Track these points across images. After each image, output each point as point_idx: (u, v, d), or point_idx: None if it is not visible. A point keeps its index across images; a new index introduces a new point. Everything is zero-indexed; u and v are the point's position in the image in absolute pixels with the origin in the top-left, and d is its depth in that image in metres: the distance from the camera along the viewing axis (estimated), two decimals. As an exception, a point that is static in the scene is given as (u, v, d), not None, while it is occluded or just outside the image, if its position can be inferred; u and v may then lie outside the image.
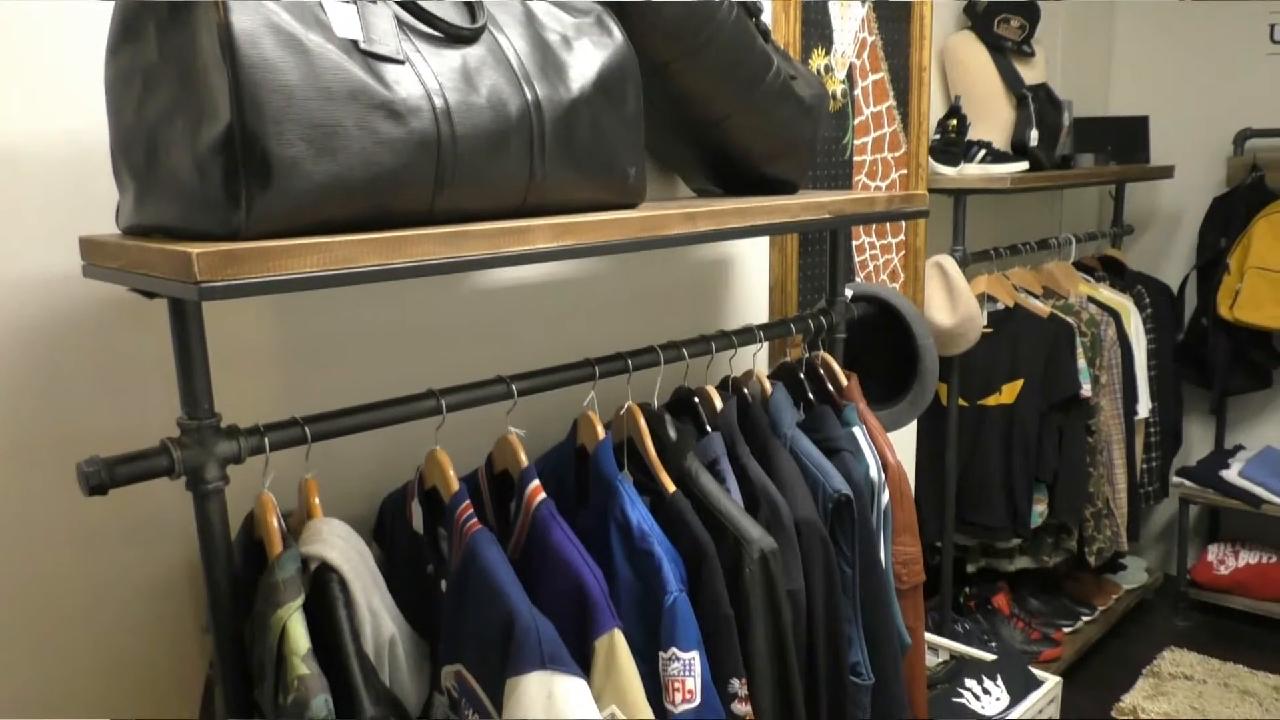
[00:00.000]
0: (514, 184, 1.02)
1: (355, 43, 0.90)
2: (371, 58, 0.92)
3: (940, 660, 2.38)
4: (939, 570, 2.80)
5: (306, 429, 1.00)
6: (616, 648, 1.02)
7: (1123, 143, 3.18)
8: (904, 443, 2.42)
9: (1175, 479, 3.38)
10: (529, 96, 1.02)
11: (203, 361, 0.91)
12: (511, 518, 1.17)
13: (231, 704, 0.97)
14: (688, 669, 1.09)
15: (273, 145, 0.84)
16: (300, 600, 0.90)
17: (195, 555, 0.93)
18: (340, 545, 0.96)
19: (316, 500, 1.02)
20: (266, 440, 0.96)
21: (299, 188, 0.85)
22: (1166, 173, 3.27)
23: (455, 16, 1.01)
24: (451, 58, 0.98)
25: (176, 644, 1.19)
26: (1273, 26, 3.32)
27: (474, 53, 1.00)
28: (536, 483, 1.13)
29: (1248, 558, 3.37)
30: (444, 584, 1.10)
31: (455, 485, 1.09)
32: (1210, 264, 3.28)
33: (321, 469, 1.24)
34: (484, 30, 1.03)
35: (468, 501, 1.08)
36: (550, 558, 1.08)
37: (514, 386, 1.17)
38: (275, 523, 0.96)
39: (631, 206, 1.18)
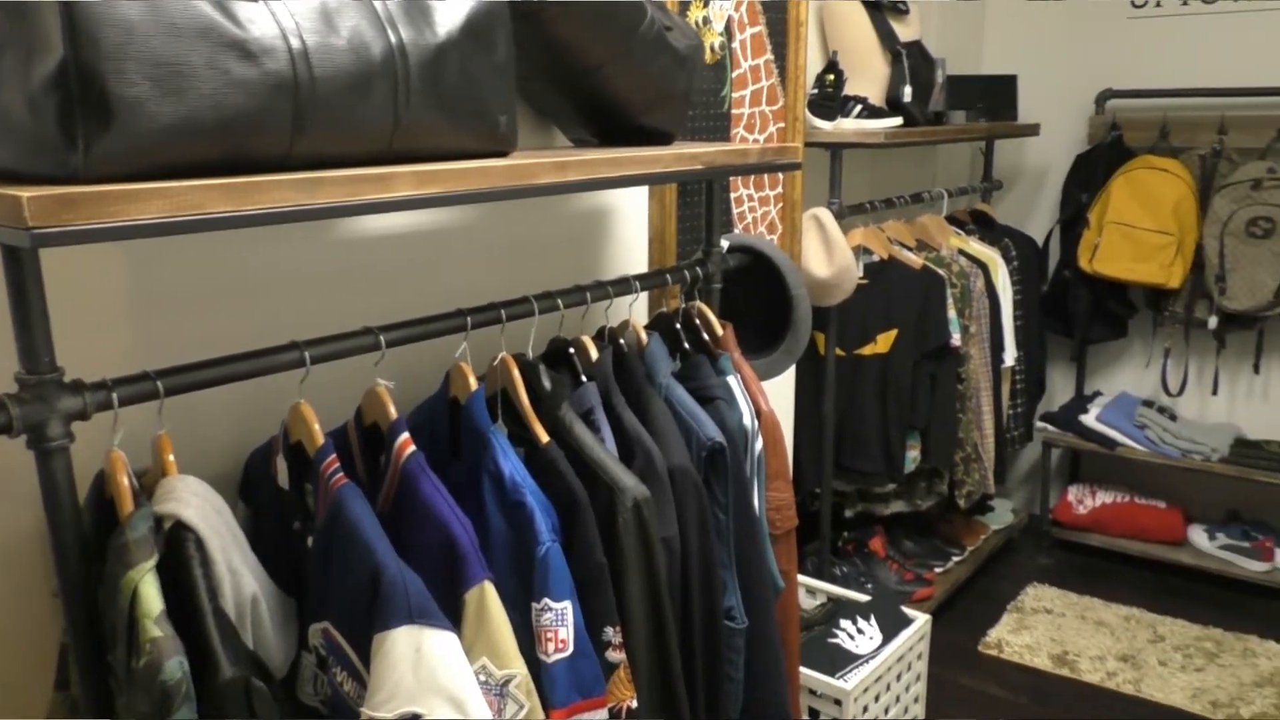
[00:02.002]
0: (378, 129, 0.99)
1: (202, -23, 0.86)
2: (221, -6, 0.87)
3: (818, 603, 2.46)
4: (818, 516, 2.88)
5: (159, 383, 0.96)
6: (487, 599, 1.02)
7: (993, 100, 3.28)
8: (783, 392, 2.48)
9: (1039, 424, 3.54)
10: (393, 40, 0.99)
11: (41, 312, 0.86)
12: (381, 471, 1.15)
13: (85, 670, 0.93)
14: (560, 619, 1.10)
15: (112, 83, 0.79)
16: (153, 561, 0.87)
17: (44, 517, 0.89)
18: (196, 503, 0.93)
19: (170, 457, 0.98)
20: (114, 395, 0.92)
21: (142, 128, 0.81)
22: (1033, 130, 3.38)
23: (312, -47, 0.96)
24: (308, -4, 0.94)
25: (29, 610, 1.14)
26: (1133, -10, 3.46)
27: (333, -9, 0.97)
28: (405, 435, 1.12)
29: (1104, 497, 3.56)
30: (310, 540, 1.08)
31: (320, 439, 1.07)
32: (1072, 219, 3.43)
33: (181, 425, 1.19)
34: (343, -32, 0.99)
35: (333, 456, 1.06)
36: (420, 511, 1.07)
37: (382, 338, 1.15)
38: (126, 481, 0.93)
39: (503, 155, 1.17)
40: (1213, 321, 3.20)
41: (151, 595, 0.85)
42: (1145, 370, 3.63)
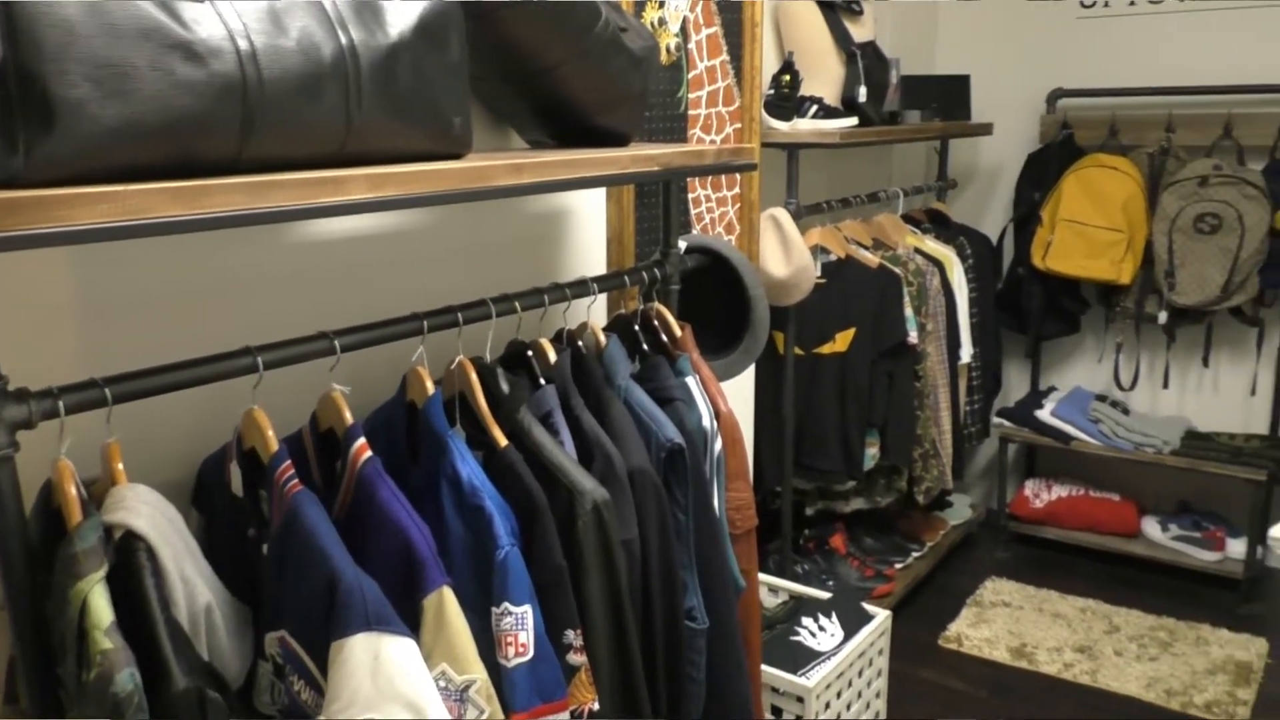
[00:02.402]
0: (330, 131, 0.98)
1: (146, -23, 0.85)
2: (166, -5, 0.86)
3: (780, 601, 2.47)
4: (779, 514, 2.90)
5: (107, 390, 0.94)
6: (445, 605, 1.01)
7: (947, 100, 3.31)
8: (743, 391, 2.49)
9: (996, 419, 3.59)
10: (344, 41, 0.98)
11: (-17, 321, 0.84)
12: (337, 477, 1.14)
13: (34, 683, 0.91)
14: (520, 623, 1.09)
15: (54, 85, 0.78)
16: (103, 571, 0.86)
17: (-12, 528, 0.87)
18: (146, 512, 0.91)
19: (120, 466, 0.96)
20: (61, 403, 0.91)
21: (85, 131, 0.80)
22: (986, 130, 3.42)
23: (260, -47, 0.95)
24: (257, -3, 0.93)
25: (-25, 624, 1.12)
26: (1082, -9, 3.51)
27: (282, -8, 0.95)
28: (362, 441, 1.10)
29: (1059, 491, 3.62)
30: (265, 547, 1.07)
31: (275, 445, 1.06)
32: (1026, 216, 3.47)
33: (132, 432, 1.17)
34: (292, -31, 0.97)
35: (288, 462, 1.04)
36: (377, 517, 1.06)
37: (337, 342, 1.14)
38: (74, 491, 0.91)
39: (457, 157, 1.16)
40: (1163, 316, 3.26)
41: (101, 606, 0.84)
42: (1098, 365, 3.69)
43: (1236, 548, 3.29)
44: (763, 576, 2.51)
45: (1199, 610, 3.18)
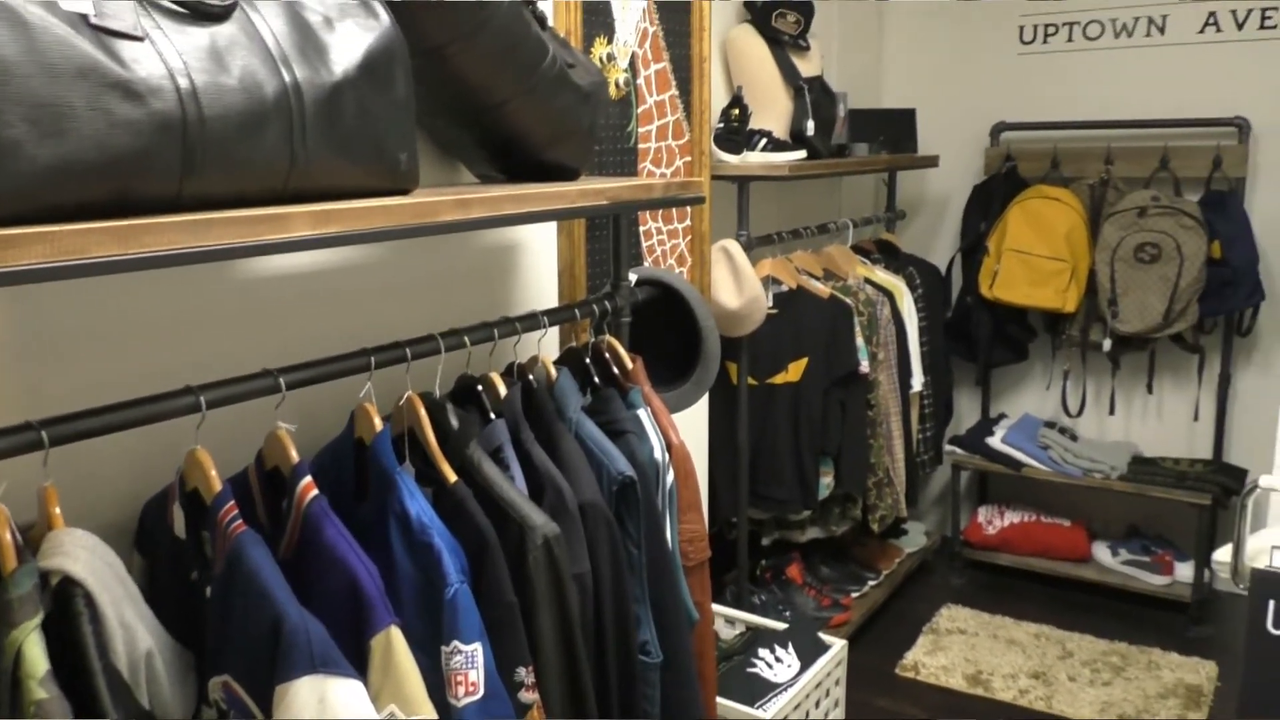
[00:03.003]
0: (273, 169, 0.98)
1: (85, 17, 0.84)
2: (105, 33, 0.86)
3: (737, 632, 2.47)
4: (736, 545, 2.90)
5: (43, 433, 0.92)
6: (394, 645, 1.00)
7: (893, 133, 3.37)
8: (697, 422, 2.49)
9: (948, 447, 3.63)
10: (287, 79, 0.98)
11: (-86, 363, 0.83)
12: (284, 517, 1.12)
13: (-35, 736, 0.89)
14: (470, 661, 1.08)
15: (-11, 126, 0.77)
16: (38, 619, 0.84)
17: (-83, 577, 0.84)
18: (84, 557, 0.90)
19: (57, 510, 0.94)
20: (-6, 447, 0.89)
21: (21, 171, 0.79)
22: (932, 162, 3.49)
23: (202, -8, 0.95)
24: (198, 36, 0.93)
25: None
26: (1021, 29, 3.60)
27: (224, 31, 0.96)
28: (308, 479, 1.09)
29: (1012, 517, 3.66)
30: (209, 590, 1.05)
31: (217, 486, 1.04)
32: (973, 246, 3.54)
33: (70, 475, 1.15)
34: (235, 8, 0.98)
35: (231, 503, 1.03)
36: (323, 556, 1.05)
37: (282, 380, 1.12)
38: (8, 536, 0.89)
39: (405, 193, 1.16)
40: (1107, 344, 3.33)
41: (36, 655, 0.81)
42: (1046, 392, 3.75)
43: (1184, 571, 3.35)
44: (719, 608, 2.51)
45: (1150, 634, 3.23)
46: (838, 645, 2.32)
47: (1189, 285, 3.11)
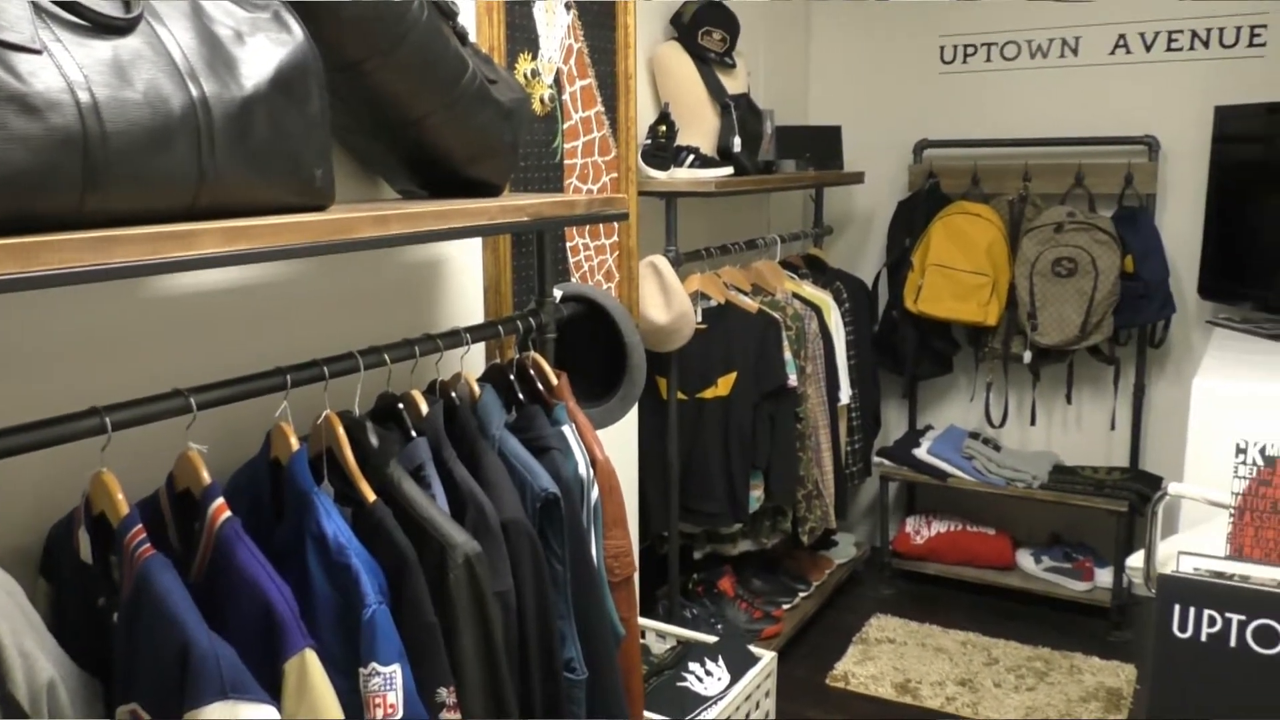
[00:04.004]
0: (181, 184, 0.96)
1: (-21, 28, 0.82)
2: (1, 46, 0.83)
3: (668, 646, 2.47)
4: (667, 559, 2.90)
5: (-63, 457, 0.89)
6: (308, 668, 0.98)
7: (820, 150, 3.42)
8: (626, 437, 2.49)
9: (876, 459, 3.68)
10: (194, 93, 0.97)
11: None
12: (196, 540, 1.10)
13: None
14: (389, 683, 1.06)
15: (-125, 140, 0.75)
16: (-72, 650, 0.80)
17: None
18: (-20, 585, 0.87)
19: (-49, 536, 0.91)
20: (-116, 473, 0.85)
21: (-89, 187, 0.76)
22: (858, 178, 3.55)
23: (106, 5, 0.93)
24: (100, 49, 0.91)
25: None
26: (942, 49, 3.69)
27: (128, 45, 0.94)
28: (220, 501, 1.07)
29: (939, 527, 3.72)
30: (116, 616, 1.02)
31: (124, 509, 1.01)
32: (898, 261, 3.60)
33: (-31, 501, 1.11)
34: (140, 21, 0.96)
35: (139, 526, 1.00)
36: (236, 579, 1.03)
37: (193, 400, 1.10)
38: (-102, 565, 0.85)
39: (320, 209, 1.15)
40: (1027, 356, 3.41)
41: (-75, 689, 0.78)
42: (970, 403, 3.83)
43: (1104, 577, 3.44)
44: (650, 622, 2.51)
45: (1072, 639, 3.30)
46: (767, 657, 2.34)
47: (1104, 298, 3.20)
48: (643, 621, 2.44)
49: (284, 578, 1.06)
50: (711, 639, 2.40)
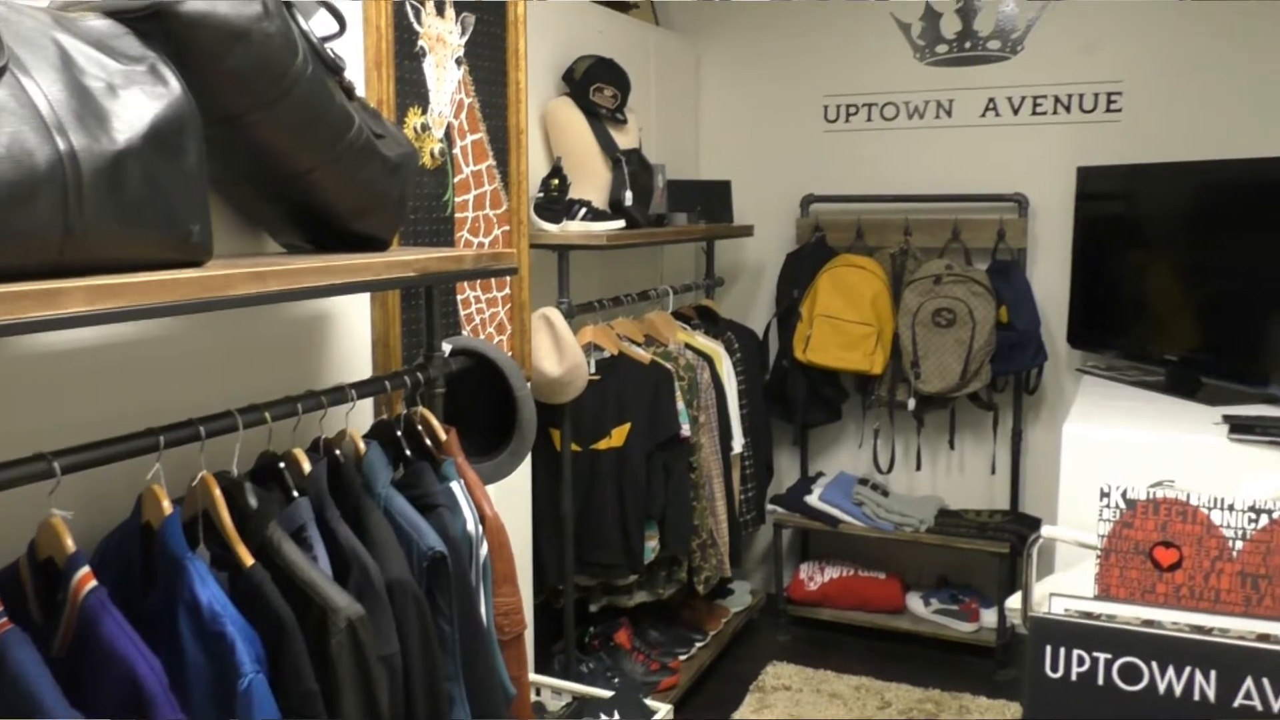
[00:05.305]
0: (44, 240, 0.93)
1: None
2: None
3: (564, 703, 2.44)
4: (562, 613, 2.87)
5: None
6: (178, 743, 0.94)
7: (710, 204, 3.50)
8: (520, 490, 2.48)
9: (769, 506, 3.73)
10: (61, 146, 0.94)
11: None
12: (59, 611, 1.04)
13: None
14: (265, 754, 1.03)
15: None
16: None
17: None
18: None
19: None
20: None
21: None
22: (748, 231, 3.64)
23: (-34, 56, 0.90)
24: (-40, 101, 0.88)
25: None
26: (826, 108, 3.83)
27: (-9, 96, 0.91)
28: (85, 570, 1.02)
29: (832, 572, 3.78)
30: (-33, 697, 0.96)
31: (-22, 581, 0.96)
32: (787, 312, 3.69)
33: None
34: (4, 72, 0.93)
35: (-7, 598, 0.95)
36: (102, 651, 0.98)
37: (56, 464, 1.05)
38: None
39: (197, 264, 1.12)
40: (912, 403, 3.52)
41: None
42: (859, 450, 3.92)
43: (990, 618, 3.53)
44: (544, 678, 2.47)
45: (961, 680, 3.38)
46: (664, 710, 2.33)
47: (982, 347, 3.33)
48: (538, 678, 2.40)
49: (155, 648, 1.02)
50: (607, 694, 2.38)
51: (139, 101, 1.04)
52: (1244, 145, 3.11)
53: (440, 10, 2.01)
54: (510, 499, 2.25)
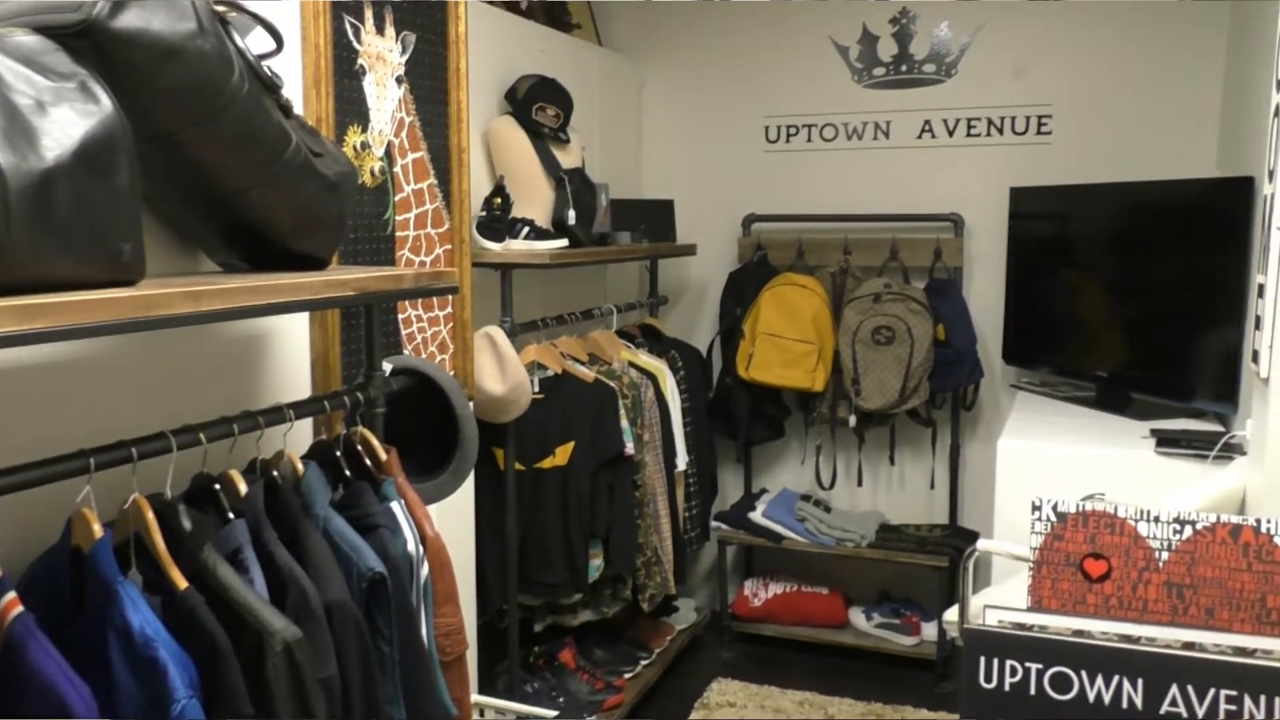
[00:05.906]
0: (-29, 260, 0.91)
1: None
2: None
3: (507, 724, 2.42)
4: (506, 633, 2.85)
5: None
6: (107, 772, 0.92)
7: (654, 223, 3.52)
8: (463, 510, 2.46)
9: (713, 523, 3.74)
10: (-11, 164, 0.92)
11: None
12: (-17, 638, 1.02)
13: None
14: (199, 781, 1.01)
15: None
16: None
17: None
18: None
19: None
20: None
21: None
22: (691, 250, 3.67)
23: (-112, 71, 0.89)
24: (-118, 117, 0.86)
25: None
26: (767, 129, 3.88)
27: (-85, 113, 0.89)
28: (11, 595, 1.00)
29: (775, 588, 3.80)
30: (-115, 729, 0.93)
31: (-103, 609, 0.93)
32: (730, 330, 3.72)
33: None
34: (-72, 89, 0.91)
35: (-86, 627, 0.93)
36: (27, 681, 0.96)
37: (-18, 488, 1.03)
38: None
39: (129, 284, 1.10)
40: (852, 420, 3.56)
41: None
42: (802, 466, 3.96)
43: (930, 631, 3.58)
44: (488, 699, 2.45)
45: (903, 693, 3.42)
46: (608, 729, 2.32)
47: (920, 364, 3.39)
48: (481, 699, 2.38)
49: (85, 674, 1.00)
50: (552, 713, 2.37)
51: (69, 119, 1.03)
52: (1167, 167, 3.22)
53: (380, 29, 2.01)
54: (453, 518, 2.24)
